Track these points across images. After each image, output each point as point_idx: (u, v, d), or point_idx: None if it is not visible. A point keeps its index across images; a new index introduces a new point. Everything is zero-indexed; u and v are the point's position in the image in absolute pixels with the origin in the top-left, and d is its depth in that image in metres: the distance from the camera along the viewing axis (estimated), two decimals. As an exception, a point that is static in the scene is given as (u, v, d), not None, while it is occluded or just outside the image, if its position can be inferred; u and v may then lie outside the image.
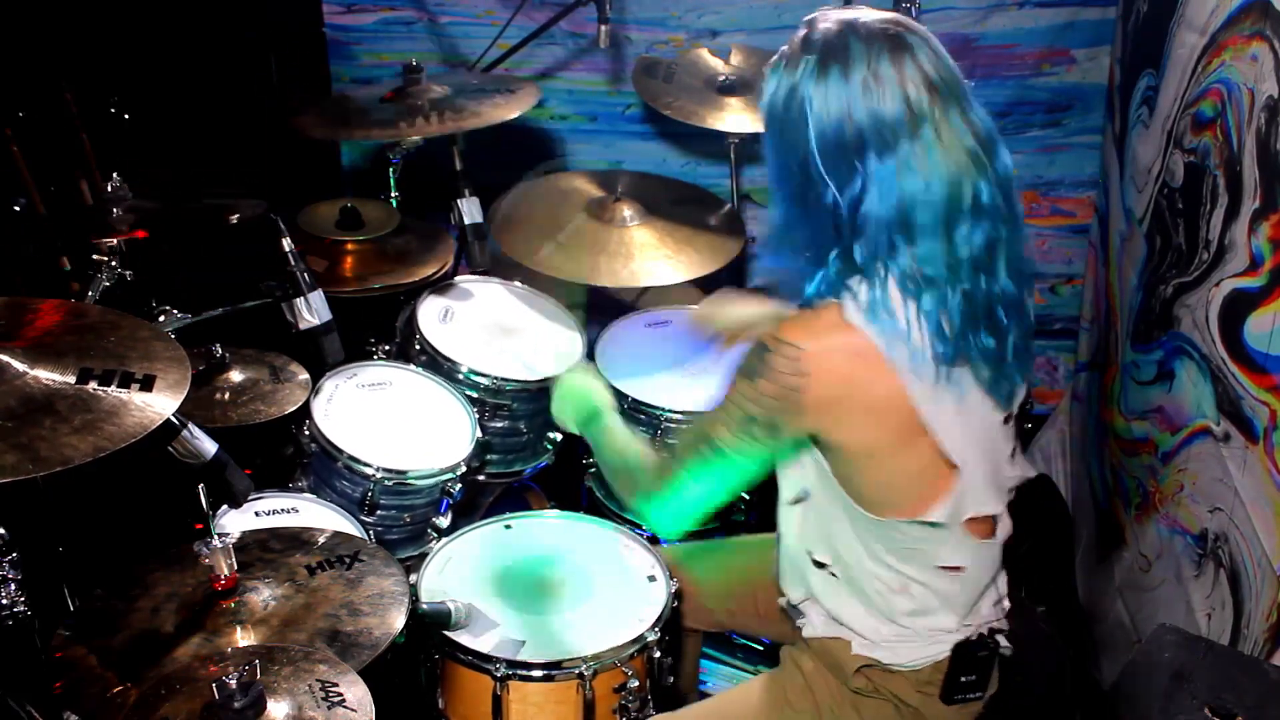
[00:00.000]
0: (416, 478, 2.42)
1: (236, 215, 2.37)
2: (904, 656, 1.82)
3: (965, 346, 1.63)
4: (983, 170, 1.60)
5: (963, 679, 1.83)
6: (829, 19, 1.62)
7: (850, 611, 1.83)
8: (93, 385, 1.71)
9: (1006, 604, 1.91)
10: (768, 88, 1.65)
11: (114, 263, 2.32)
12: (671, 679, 2.16)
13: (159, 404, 1.72)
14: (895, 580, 1.78)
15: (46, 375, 1.70)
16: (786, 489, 1.84)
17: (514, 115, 2.80)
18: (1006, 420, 1.76)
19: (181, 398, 1.75)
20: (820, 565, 1.84)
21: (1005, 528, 1.83)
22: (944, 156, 1.57)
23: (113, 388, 1.71)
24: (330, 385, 2.55)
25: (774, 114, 1.64)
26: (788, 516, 1.86)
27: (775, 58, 1.66)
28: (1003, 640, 1.86)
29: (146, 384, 1.74)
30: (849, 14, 1.61)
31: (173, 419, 1.96)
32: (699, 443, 1.73)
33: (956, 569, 1.77)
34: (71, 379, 1.71)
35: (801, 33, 1.63)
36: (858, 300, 1.61)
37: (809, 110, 1.58)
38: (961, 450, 1.68)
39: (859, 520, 1.74)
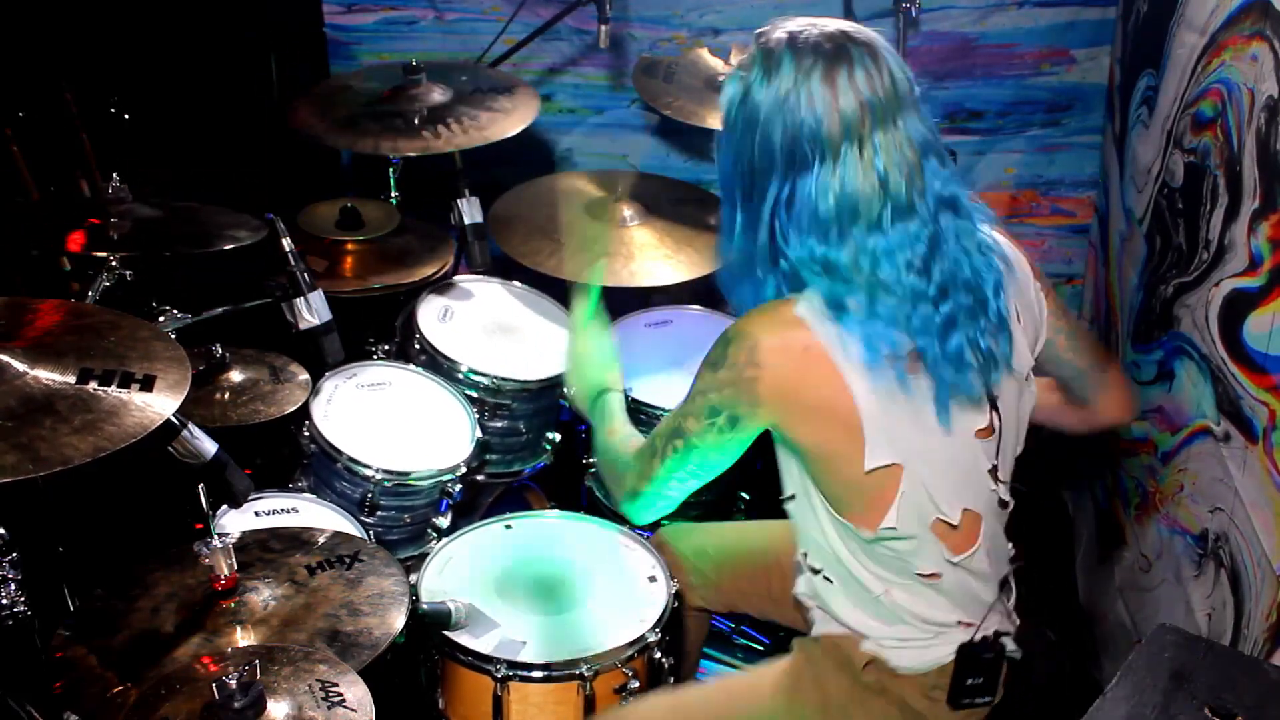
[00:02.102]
0: (416, 478, 2.42)
1: (232, 245, 2.38)
2: (909, 660, 1.82)
3: (908, 353, 1.65)
4: (910, 187, 1.62)
5: (969, 682, 1.83)
6: (779, 30, 1.66)
7: (849, 614, 1.83)
8: (93, 385, 1.71)
9: (1012, 610, 1.91)
10: (724, 95, 1.70)
11: (114, 262, 2.32)
12: (672, 680, 2.16)
13: (159, 404, 1.72)
14: (877, 584, 1.78)
15: (46, 375, 1.70)
16: (785, 487, 1.85)
17: (512, 131, 2.80)
18: (987, 432, 1.75)
19: (181, 398, 1.75)
20: (814, 570, 1.84)
21: (997, 549, 1.83)
22: (862, 173, 1.60)
23: (113, 388, 1.72)
24: (330, 385, 2.55)
25: (726, 120, 1.70)
26: (790, 515, 1.87)
27: (735, 66, 1.70)
28: (1010, 644, 1.86)
29: (146, 384, 1.74)
30: (798, 25, 1.65)
31: (173, 419, 1.96)
32: (673, 437, 1.76)
33: (934, 575, 1.77)
34: (71, 379, 1.71)
35: (755, 44, 1.67)
36: (810, 300, 1.65)
37: (752, 117, 1.63)
38: (906, 454, 1.68)
39: (833, 522, 1.76)
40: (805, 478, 1.77)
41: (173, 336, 1.92)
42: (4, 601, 1.79)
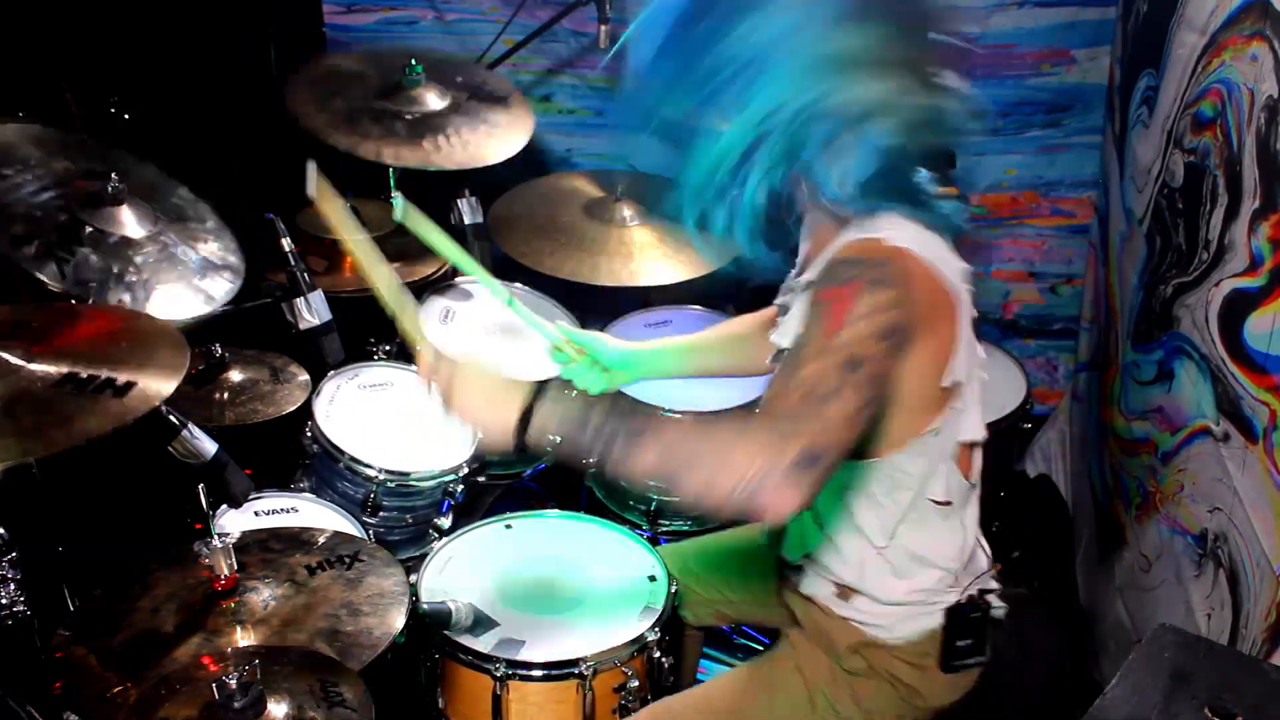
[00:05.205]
0: (419, 479, 2.42)
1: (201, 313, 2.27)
2: (899, 631, 1.82)
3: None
4: None
5: (959, 644, 1.82)
6: None
7: (852, 574, 1.82)
8: (69, 388, 1.71)
9: (990, 563, 1.91)
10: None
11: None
12: (672, 679, 2.16)
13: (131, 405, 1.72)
14: (889, 520, 1.75)
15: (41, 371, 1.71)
16: None
17: (504, 156, 2.80)
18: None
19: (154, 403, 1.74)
20: (817, 523, 1.82)
21: (977, 468, 1.82)
22: None
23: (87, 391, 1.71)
24: (331, 386, 2.55)
25: None
26: None
27: None
28: (995, 600, 1.86)
29: (122, 391, 1.73)
30: None
31: (173, 419, 1.97)
32: (848, 370, 1.49)
33: (945, 503, 1.77)
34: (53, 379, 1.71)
35: None
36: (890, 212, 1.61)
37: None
38: (968, 367, 1.69)
39: (849, 467, 1.71)
40: None
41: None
42: (4, 601, 1.79)
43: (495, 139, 2.84)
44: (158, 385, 1.76)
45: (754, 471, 1.43)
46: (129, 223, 2.22)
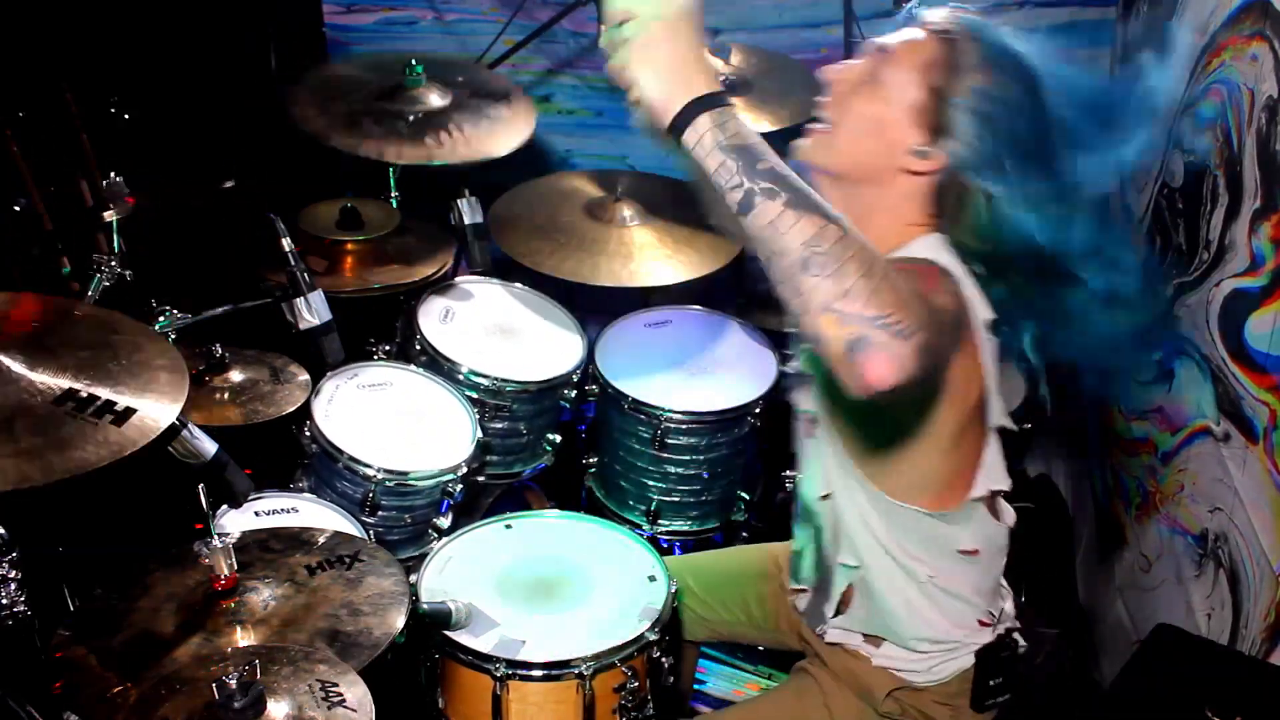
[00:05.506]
0: (417, 478, 2.42)
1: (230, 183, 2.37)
2: (934, 673, 1.83)
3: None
4: None
5: (991, 683, 1.84)
6: None
7: (879, 620, 1.84)
8: (69, 406, 1.71)
9: (1015, 608, 1.92)
10: None
11: (114, 263, 2.32)
12: (671, 679, 2.16)
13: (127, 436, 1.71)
14: (921, 570, 1.77)
15: (42, 382, 1.71)
16: (819, 488, 1.84)
17: (509, 149, 2.81)
18: None
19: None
20: (850, 567, 1.84)
21: (1009, 513, 1.84)
22: None
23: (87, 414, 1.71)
24: (331, 386, 2.55)
25: None
26: (822, 511, 1.86)
27: None
28: (1020, 640, 1.87)
29: (121, 418, 1.73)
30: None
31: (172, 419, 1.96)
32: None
33: (973, 552, 1.78)
34: (53, 395, 1.71)
35: None
36: (939, 246, 1.66)
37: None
38: (998, 416, 1.71)
39: (883, 510, 1.74)
40: (850, 472, 1.75)
41: (172, 337, 1.92)
42: (4, 601, 1.79)
43: (497, 134, 2.84)
44: (156, 415, 1.76)
45: (891, 319, 1.28)
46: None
